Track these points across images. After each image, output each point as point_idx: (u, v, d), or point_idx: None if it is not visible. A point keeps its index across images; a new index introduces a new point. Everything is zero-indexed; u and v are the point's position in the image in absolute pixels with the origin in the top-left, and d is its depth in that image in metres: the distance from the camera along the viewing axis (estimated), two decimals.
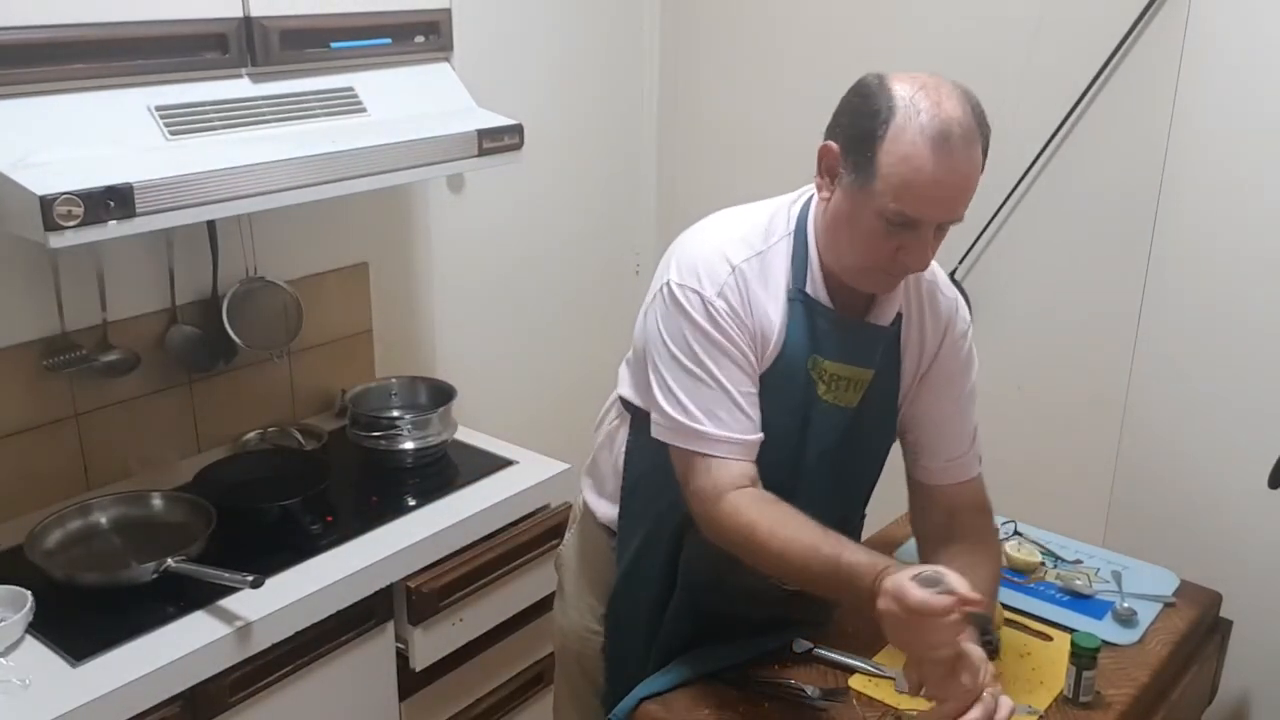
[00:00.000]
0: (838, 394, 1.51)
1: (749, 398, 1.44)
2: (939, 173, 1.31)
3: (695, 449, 1.43)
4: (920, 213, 1.34)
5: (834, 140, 1.40)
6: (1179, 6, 2.23)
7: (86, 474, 2.08)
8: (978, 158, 1.35)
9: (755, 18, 2.92)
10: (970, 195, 1.36)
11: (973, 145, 1.34)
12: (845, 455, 1.56)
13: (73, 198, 1.53)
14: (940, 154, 1.30)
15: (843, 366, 1.50)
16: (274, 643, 1.77)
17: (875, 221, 1.36)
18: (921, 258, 1.39)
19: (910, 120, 1.31)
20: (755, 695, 1.55)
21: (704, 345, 1.42)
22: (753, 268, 1.45)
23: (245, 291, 2.22)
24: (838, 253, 1.45)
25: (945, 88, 1.34)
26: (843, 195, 1.39)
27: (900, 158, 1.31)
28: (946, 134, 1.30)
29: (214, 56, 1.84)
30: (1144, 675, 1.62)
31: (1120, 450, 2.48)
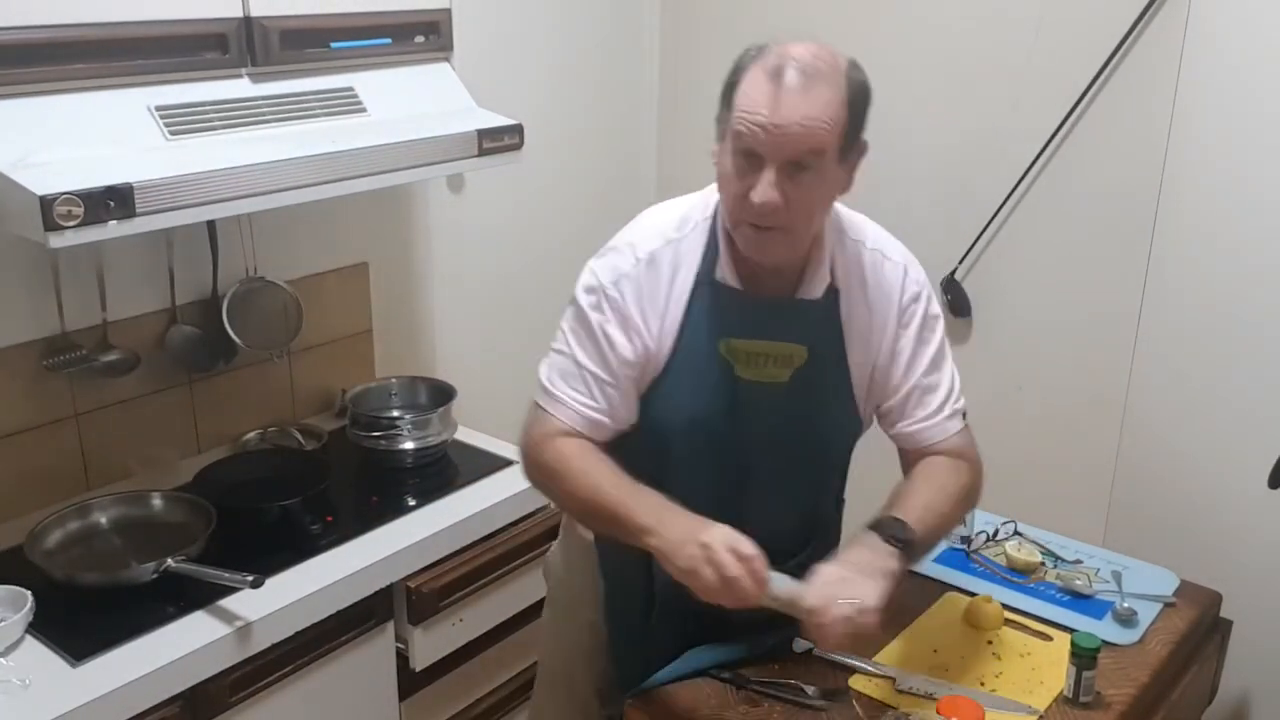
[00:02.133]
0: (759, 371, 1.52)
1: (599, 382, 1.51)
2: (771, 103, 1.35)
3: (539, 402, 1.55)
4: (754, 144, 1.37)
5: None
6: (1179, 6, 2.23)
7: (86, 474, 2.08)
8: (822, 99, 1.37)
9: (755, 18, 2.92)
10: (807, 128, 1.37)
11: (814, 84, 1.37)
12: (795, 436, 1.55)
13: (73, 198, 1.53)
14: (774, 86, 1.36)
15: (758, 343, 1.51)
16: (274, 643, 1.77)
17: (734, 160, 1.40)
18: (761, 192, 1.38)
19: (757, 61, 1.40)
20: (755, 695, 1.55)
21: (575, 326, 1.52)
22: (663, 257, 1.50)
23: (245, 291, 2.22)
24: (727, 220, 1.47)
25: (811, 43, 1.41)
26: (720, 154, 1.45)
27: (743, 92, 1.39)
28: (782, 69, 1.37)
29: (214, 56, 1.84)
30: (1144, 675, 1.62)
31: (1120, 450, 2.48)
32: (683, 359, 1.51)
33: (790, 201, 1.38)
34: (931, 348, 1.59)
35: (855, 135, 1.44)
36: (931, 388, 1.59)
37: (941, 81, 2.65)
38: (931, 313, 1.59)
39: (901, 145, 2.76)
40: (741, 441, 1.54)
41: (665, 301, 1.50)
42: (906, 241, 2.81)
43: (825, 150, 1.38)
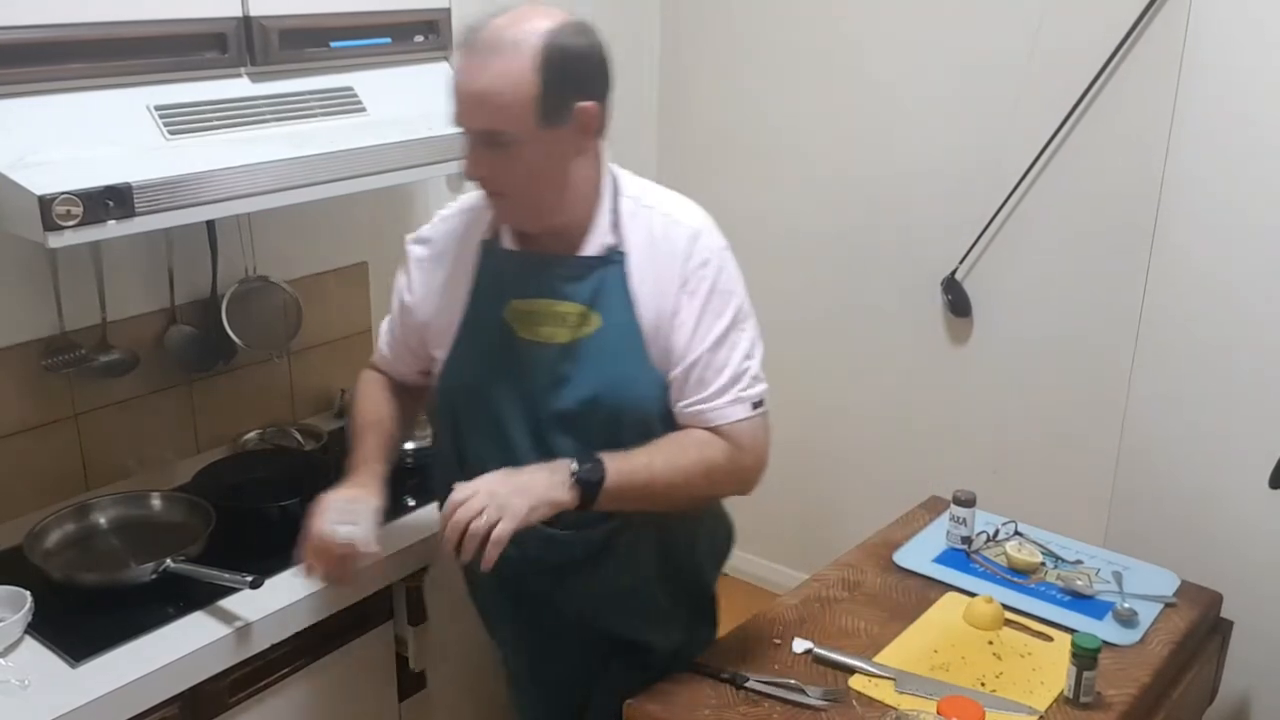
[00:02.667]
0: (535, 331, 1.53)
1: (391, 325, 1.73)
2: (458, 80, 1.42)
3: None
4: (456, 119, 1.44)
5: None
6: (1179, 6, 2.22)
7: (86, 474, 2.08)
8: (495, 71, 1.38)
9: (755, 18, 2.92)
10: (488, 111, 1.40)
11: (491, 56, 1.38)
12: (582, 399, 1.51)
13: (72, 197, 1.53)
14: (461, 63, 1.42)
15: (534, 302, 1.52)
16: (273, 643, 1.76)
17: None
18: (466, 165, 1.47)
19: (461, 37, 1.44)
20: (755, 695, 1.55)
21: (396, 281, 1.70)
22: (457, 222, 1.62)
23: (245, 291, 2.21)
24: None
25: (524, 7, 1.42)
26: None
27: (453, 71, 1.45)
28: (470, 42, 1.40)
29: (213, 56, 1.84)
30: (1144, 675, 1.62)
31: (1120, 450, 2.48)
32: (469, 325, 1.58)
33: (497, 172, 1.43)
34: (720, 323, 1.53)
35: (558, 100, 1.40)
36: (715, 366, 1.52)
37: (942, 82, 2.65)
38: (723, 287, 1.53)
39: (902, 145, 2.76)
40: (521, 403, 1.54)
41: (453, 266, 1.60)
42: (907, 241, 2.83)
43: (508, 122, 1.39)
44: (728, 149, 3.06)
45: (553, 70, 1.38)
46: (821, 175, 2.91)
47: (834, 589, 1.85)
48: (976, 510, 1.95)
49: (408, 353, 1.73)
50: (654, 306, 1.53)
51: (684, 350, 1.52)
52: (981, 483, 2.08)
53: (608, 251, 1.52)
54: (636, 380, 1.53)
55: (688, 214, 1.57)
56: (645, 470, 1.48)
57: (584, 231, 1.52)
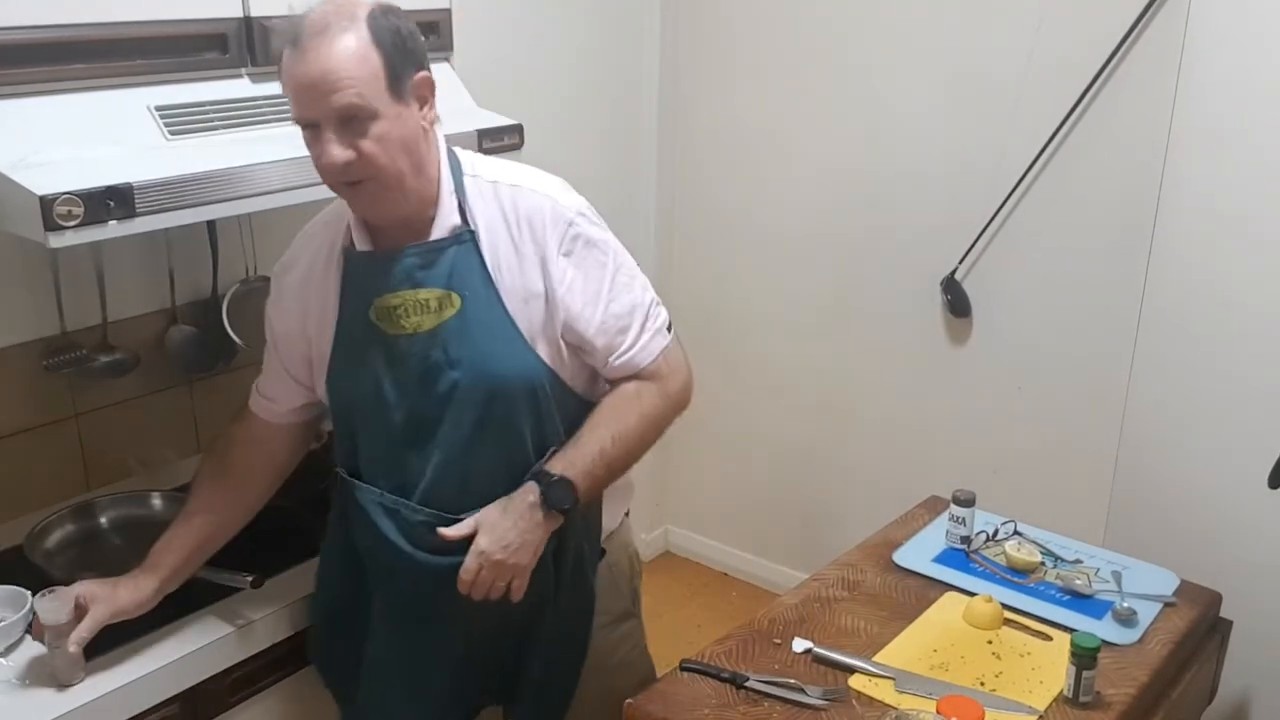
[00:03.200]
0: (399, 323, 1.51)
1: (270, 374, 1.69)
2: (298, 71, 1.39)
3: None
4: (304, 112, 1.41)
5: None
6: (1179, 6, 2.23)
7: (86, 474, 2.08)
8: (339, 48, 1.38)
9: (755, 19, 2.92)
10: (343, 79, 1.39)
11: (325, 36, 1.38)
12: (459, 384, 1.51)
13: (73, 198, 1.53)
14: (295, 55, 1.39)
15: (395, 295, 1.51)
16: (274, 643, 1.77)
17: (302, 136, 1.44)
18: (325, 153, 1.41)
19: (281, 41, 1.42)
20: (755, 695, 1.55)
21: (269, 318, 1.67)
22: (321, 240, 1.60)
23: (245, 291, 2.21)
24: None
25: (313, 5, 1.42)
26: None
27: (283, 75, 1.42)
28: (296, 35, 1.39)
29: (214, 56, 1.84)
30: (1144, 675, 1.62)
31: (1121, 450, 2.48)
32: (342, 337, 1.57)
33: (364, 153, 1.41)
34: (608, 272, 1.56)
35: (401, 72, 1.43)
36: (624, 313, 1.56)
37: (942, 81, 2.65)
38: (593, 237, 1.55)
39: (902, 146, 2.76)
40: (404, 399, 1.54)
41: (321, 284, 1.58)
42: (906, 242, 2.83)
43: (364, 95, 1.39)
44: (728, 150, 3.06)
45: (387, 42, 1.41)
46: (822, 176, 2.91)
47: (834, 589, 1.85)
48: (976, 510, 1.95)
49: (286, 386, 1.68)
50: (519, 279, 1.53)
51: (589, 312, 1.54)
52: (981, 482, 2.08)
53: (456, 232, 1.51)
54: (507, 355, 1.53)
55: (538, 182, 1.57)
56: (601, 458, 1.53)
57: (432, 215, 1.51)
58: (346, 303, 1.56)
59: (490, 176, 1.56)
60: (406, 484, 1.55)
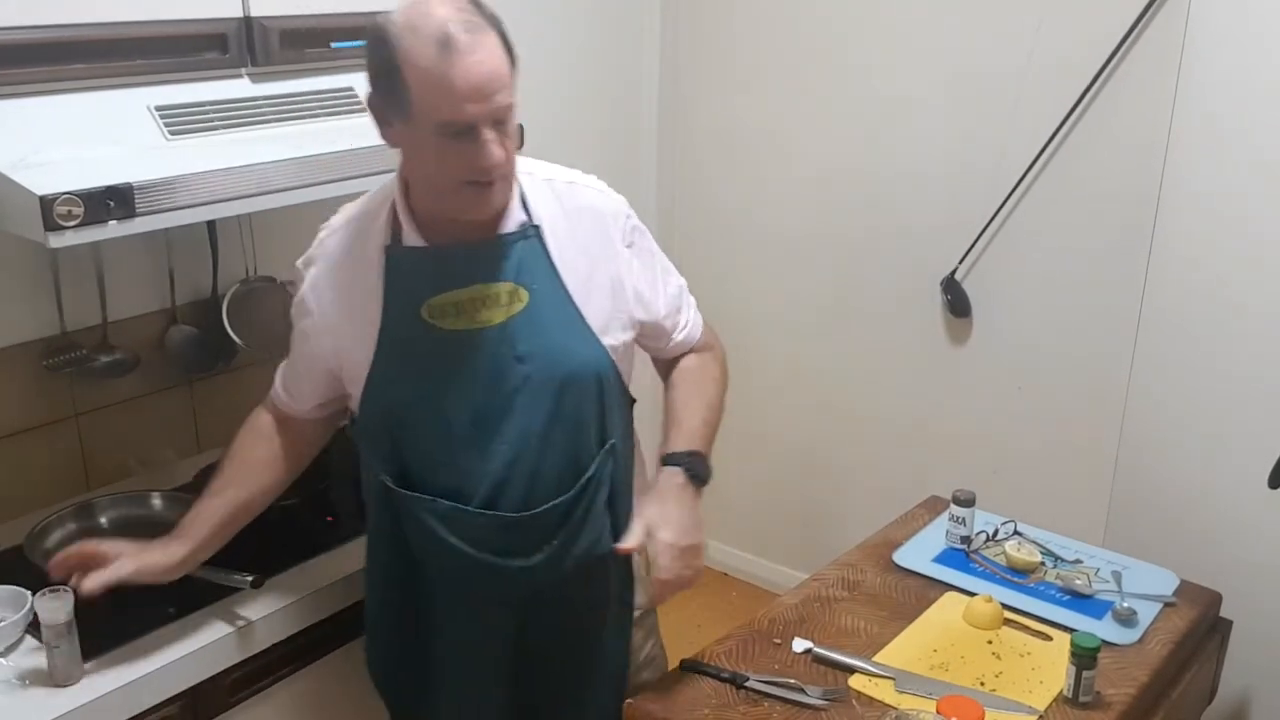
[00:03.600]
0: (468, 318, 1.50)
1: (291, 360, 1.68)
2: (458, 72, 1.35)
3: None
4: (461, 116, 1.37)
5: (371, 92, 1.44)
6: (1179, 6, 2.23)
7: (86, 474, 2.08)
8: (491, 44, 1.39)
9: (755, 20, 2.92)
10: (503, 80, 1.40)
11: (478, 34, 1.38)
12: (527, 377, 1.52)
13: (73, 198, 1.53)
14: (451, 53, 1.35)
15: (459, 292, 1.50)
16: (274, 643, 1.77)
17: (433, 142, 1.39)
18: (489, 157, 1.41)
19: (413, 36, 1.35)
20: (755, 695, 1.55)
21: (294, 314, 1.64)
22: (346, 234, 1.57)
23: (245, 291, 2.22)
24: (428, 193, 1.48)
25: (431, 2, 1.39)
26: (400, 136, 1.44)
27: (419, 74, 1.35)
28: (447, 33, 1.35)
29: (214, 56, 1.84)
30: (1144, 675, 1.62)
31: (1121, 450, 2.48)
32: (391, 333, 1.52)
33: (508, 152, 1.43)
34: (657, 258, 1.66)
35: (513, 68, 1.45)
36: (677, 294, 1.68)
37: (941, 81, 2.65)
38: (641, 227, 1.64)
39: (902, 146, 2.76)
40: (468, 397, 1.52)
41: (351, 283, 1.55)
42: (906, 241, 2.84)
43: (512, 94, 1.42)
44: (728, 150, 3.06)
45: (507, 37, 1.43)
46: (821, 176, 2.91)
47: (834, 589, 1.85)
48: (976, 510, 1.95)
49: (309, 385, 1.67)
50: (584, 272, 1.55)
51: (655, 296, 1.63)
52: (981, 482, 2.08)
53: (523, 227, 1.52)
54: (578, 347, 1.55)
55: (587, 180, 1.63)
56: (706, 428, 1.63)
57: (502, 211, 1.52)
58: (392, 302, 1.52)
59: (544, 175, 1.59)
60: (465, 486, 1.53)
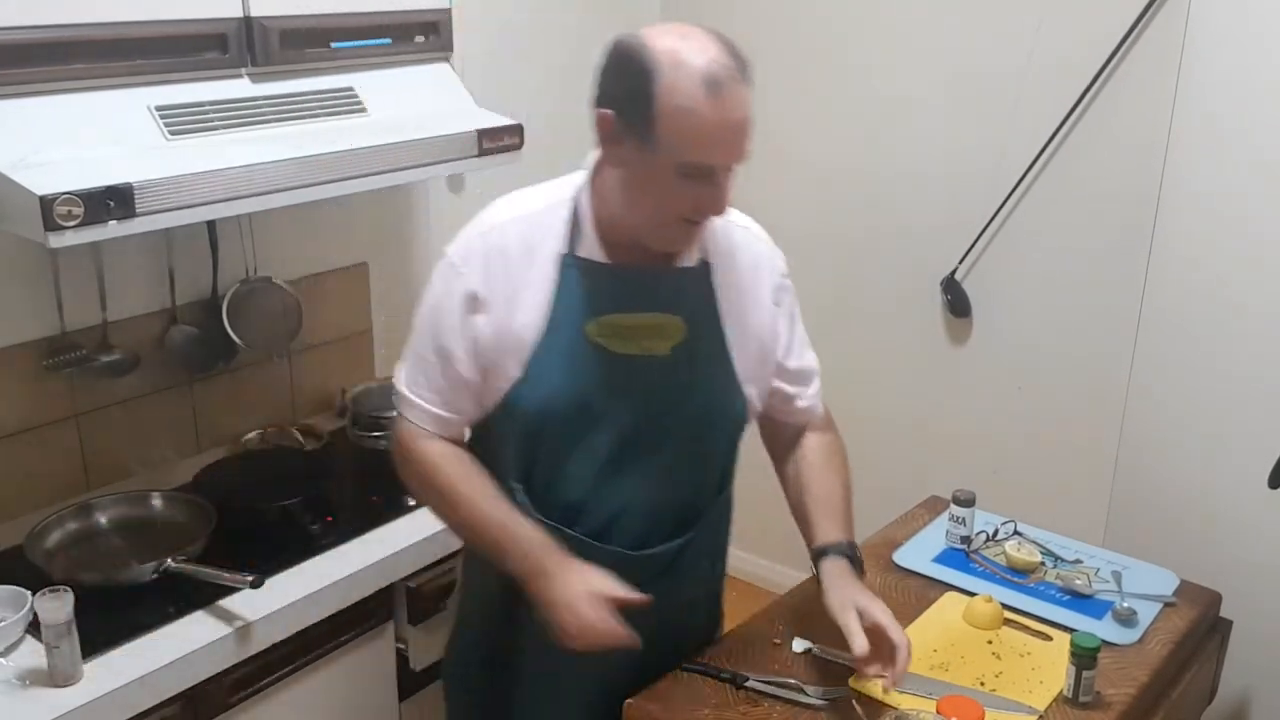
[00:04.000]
0: (639, 344, 1.48)
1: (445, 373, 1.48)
2: (718, 116, 1.33)
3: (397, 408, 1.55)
4: (710, 159, 1.36)
5: (607, 107, 1.40)
6: (1179, 6, 2.23)
7: (86, 474, 2.08)
8: (748, 94, 1.38)
9: (755, 19, 2.92)
10: (750, 132, 1.39)
11: (740, 83, 1.36)
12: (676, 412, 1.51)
13: (73, 198, 1.53)
14: (715, 98, 1.32)
15: (631, 316, 1.47)
16: (274, 643, 1.77)
17: (668, 176, 1.37)
18: (719, 202, 1.40)
19: (678, 71, 1.32)
20: (755, 695, 1.55)
21: (426, 321, 1.49)
22: (512, 232, 1.47)
23: (245, 291, 2.22)
24: (634, 215, 1.44)
25: (698, 33, 1.38)
26: (628, 158, 1.40)
27: (677, 110, 1.32)
28: (715, 77, 1.32)
29: (214, 56, 1.84)
30: (1144, 675, 1.62)
31: (1121, 450, 2.48)
32: (552, 341, 1.46)
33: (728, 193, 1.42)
34: (801, 326, 1.65)
35: None
36: (811, 364, 1.67)
37: (941, 81, 2.65)
38: (790, 286, 1.63)
39: (902, 146, 2.76)
40: (619, 421, 1.49)
41: (522, 280, 1.46)
42: (907, 241, 2.84)
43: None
44: None
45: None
46: (821, 176, 2.91)
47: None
48: (976, 510, 1.95)
49: (468, 397, 1.50)
50: (741, 316, 1.55)
51: (785, 358, 1.61)
52: (981, 482, 2.08)
53: (700, 263, 1.51)
54: (725, 390, 1.56)
55: (757, 227, 1.62)
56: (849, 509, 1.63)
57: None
58: (561, 310, 1.45)
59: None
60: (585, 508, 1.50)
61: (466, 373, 1.47)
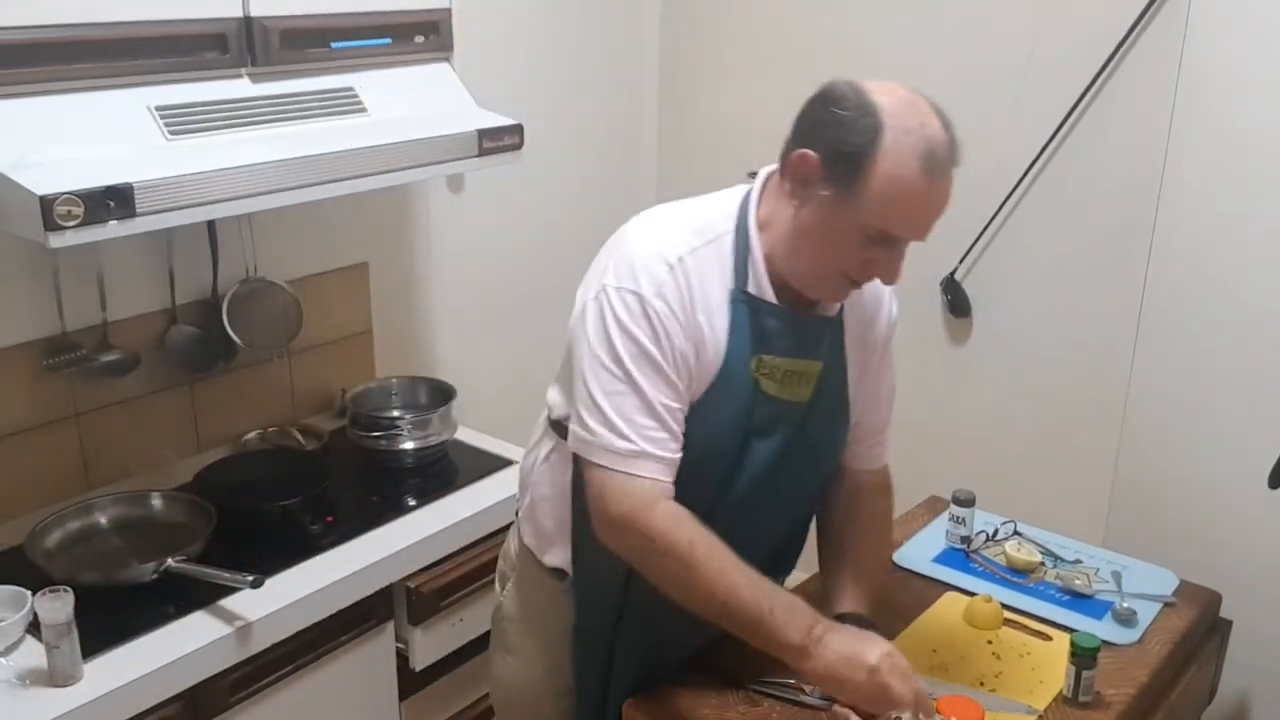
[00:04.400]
0: (790, 389, 1.47)
1: (672, 413, 1.37)
2: (927, 194, 1.32)
3: (609, 464, 1.36)
4: (905, 231, 1.35)
5: (813, 150, 1.36)
6: (1178, 6, 2.23)
7: (87, 474, 2.09)
8: (952, 177, 1.36)
9: (754, 18, 2.92)
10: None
11: (953, 167, 1.35)
12: (800, 452, 1.51)
13: (73, 198, 1.53)
14: (929, 176, 1.31)
15: (793, 361, 1.46)
16: (274, 643, 1.77)
17: (853, 234, 1.35)
18: (894, 272, 1.39)
19: (901, 140, 1.30)
20: (755, 695, 1.55)
21: (633, 353, 1.36)
22: (691, 265, 1.40)
23: (245, 291, 2.22)
24: (800, 259, 1.41)
25: (924, 105, 1.35)
26: (818, 205, 1.36)
27: (891, 177, 1.30)
28: (935, 156, 1.31)
29: (214, 56, 1.84)
30: (1143, 675, 1.62)
31: (1120, 450, 2.48)
32: (725, 376, 1.42)
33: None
34: (891, 368, 1.64)
35: None
36: (888, 405, 1.65)
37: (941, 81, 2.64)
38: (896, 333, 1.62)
39: None
40: (758, 461, 1.47)
41: (701, 313, 1.39)
42: None
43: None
44: (728, 150, 3.06)
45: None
46: None
47: None
48: (976, 510, 1.95)
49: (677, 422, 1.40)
50: (862, 365, 1.56)
51: (876, 394, 1.61)
52: (981, 482, 2.08)
53: (840, 311, 1.51)
54: (837, 440, 1.58)
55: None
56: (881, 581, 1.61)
57: None
58: (732, 345, 1.41)
59: None
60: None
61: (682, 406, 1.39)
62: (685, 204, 1.51)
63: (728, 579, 1.35)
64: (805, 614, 1.38)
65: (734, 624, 1.38)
